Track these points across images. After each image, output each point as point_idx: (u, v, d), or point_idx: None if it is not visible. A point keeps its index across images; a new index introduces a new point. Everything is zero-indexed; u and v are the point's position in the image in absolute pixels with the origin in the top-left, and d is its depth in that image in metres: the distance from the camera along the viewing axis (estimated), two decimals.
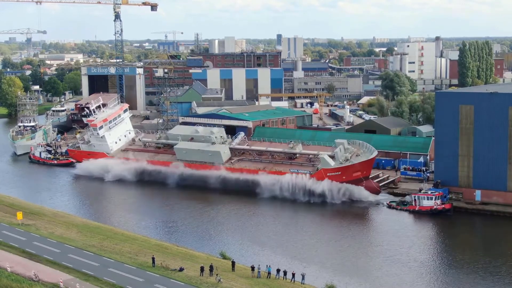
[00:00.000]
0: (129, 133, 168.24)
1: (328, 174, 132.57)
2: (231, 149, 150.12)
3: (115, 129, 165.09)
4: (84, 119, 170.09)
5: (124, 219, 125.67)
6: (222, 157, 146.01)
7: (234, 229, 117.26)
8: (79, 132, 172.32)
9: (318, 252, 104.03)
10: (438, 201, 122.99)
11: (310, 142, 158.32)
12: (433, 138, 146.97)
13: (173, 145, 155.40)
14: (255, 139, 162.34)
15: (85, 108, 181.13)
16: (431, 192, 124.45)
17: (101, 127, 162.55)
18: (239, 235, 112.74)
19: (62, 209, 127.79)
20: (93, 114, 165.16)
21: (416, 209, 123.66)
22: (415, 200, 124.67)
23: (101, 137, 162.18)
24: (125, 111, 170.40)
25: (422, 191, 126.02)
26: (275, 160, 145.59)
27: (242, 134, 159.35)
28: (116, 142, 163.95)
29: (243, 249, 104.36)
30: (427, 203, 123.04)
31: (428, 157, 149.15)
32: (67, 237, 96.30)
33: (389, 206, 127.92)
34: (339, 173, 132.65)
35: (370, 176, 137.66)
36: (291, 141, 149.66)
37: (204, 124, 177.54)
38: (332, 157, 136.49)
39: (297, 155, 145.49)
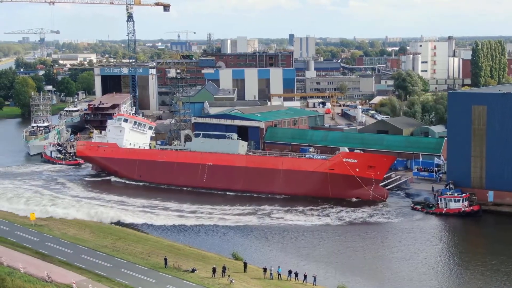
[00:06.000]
0: (144, 147, 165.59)
1: (344, 159, 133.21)
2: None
3: (136, 134, 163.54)
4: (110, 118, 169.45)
5: (136, 219, 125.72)
6: (238, 148, 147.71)
7: (246, 229, 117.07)
8: (92, 132, 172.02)
9: (331, 253, 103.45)
10: (466, 203, 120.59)
11: (322, 143, 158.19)
12: (445, 138, 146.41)
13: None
14: (267, 140, 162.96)
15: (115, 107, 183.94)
16: (458, 194, 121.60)
17: (126, 120, 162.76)
18: (252, 236, 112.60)
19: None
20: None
21: (444, 211, 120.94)
22: (441, 202, 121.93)
23: (120, 130, 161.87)
24: (150, 127, 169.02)
25: (449, 193, 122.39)
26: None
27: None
28: (130, 144, 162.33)
29: (255, 250, 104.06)
30: (454, 206, 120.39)
31: (441, 158, 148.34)
32: (80, 238, 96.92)
33: (413, 209, 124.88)
34: (356, 161, 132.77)
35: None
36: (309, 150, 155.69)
37: (217, 125, 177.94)
38: None
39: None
